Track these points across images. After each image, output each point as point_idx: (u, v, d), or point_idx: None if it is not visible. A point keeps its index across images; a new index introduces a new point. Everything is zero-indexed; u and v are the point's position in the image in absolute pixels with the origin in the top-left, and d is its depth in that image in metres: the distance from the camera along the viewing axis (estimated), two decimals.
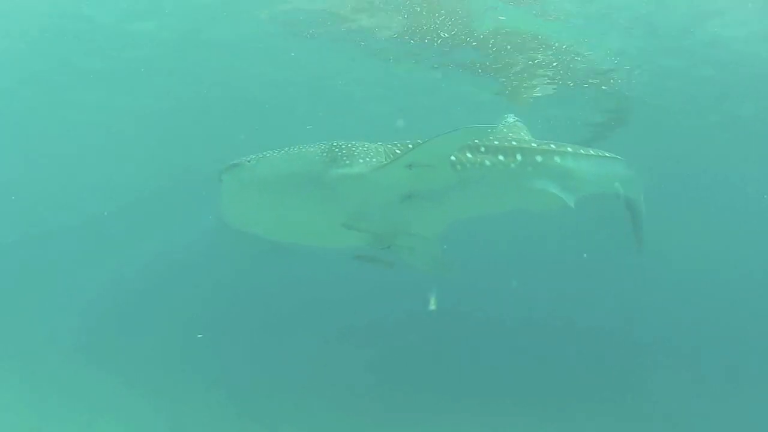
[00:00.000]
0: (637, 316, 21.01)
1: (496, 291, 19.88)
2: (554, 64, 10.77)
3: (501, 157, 5.49)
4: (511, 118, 6.51)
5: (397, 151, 5.26)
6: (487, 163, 5.43)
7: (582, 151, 6.09)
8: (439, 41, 10.07)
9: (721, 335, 19.15)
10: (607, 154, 6.47)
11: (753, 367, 17.30)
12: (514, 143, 5.68)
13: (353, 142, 5.26)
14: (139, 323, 18.29)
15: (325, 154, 5.01)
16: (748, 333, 19.16)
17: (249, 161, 4.96)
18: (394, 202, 5.28)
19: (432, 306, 7.70)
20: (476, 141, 5.55)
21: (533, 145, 5.76)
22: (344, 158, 5.02)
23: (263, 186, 4.97)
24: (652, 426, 13.78)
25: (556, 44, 10.22)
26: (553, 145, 5.84)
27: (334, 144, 5.13)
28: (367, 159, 5.10)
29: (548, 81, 11.57)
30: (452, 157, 5.29)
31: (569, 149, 5.90)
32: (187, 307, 19.92)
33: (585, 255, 20.78)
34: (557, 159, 5.71)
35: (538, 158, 5.62)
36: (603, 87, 12.03)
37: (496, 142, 5.61)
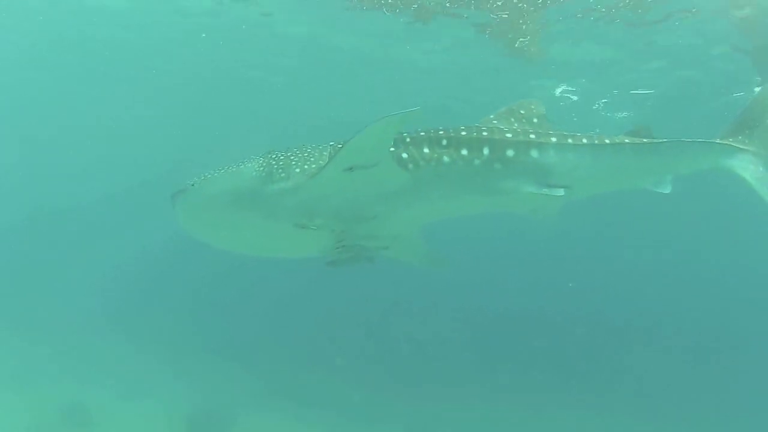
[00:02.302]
0: None
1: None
2: None
3: (464, 152, 4.72)
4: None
5: None
6: (446, 159, 4.69)
7: (582, 140, 4.89)
8: None
9: None
10: (643, 141, 4.99)
11: None
12: (484, 134, 4.84)
13: (293, 149, 4.87)
14: (170, 300, 18.81)
15: (261, 168, 4.77)
16: None
17: (193, 185, 4.90)
18: (344, 206, 4.82)
19: None
20: (440, 132, 4.85)
21: (508, 135, 4.86)
22: (280, 171, 4.71)
23: (209, 207, 4.94)
24: None
25: None
26: (532, 136, 4.89)
27: (272, 155, 4.82)
28: (305, 167, 4.69)
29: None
30: (404, 154, 4.68)
31: (553, 139, 4.85)
32: (215, 286, 20.24)
33: None
34: (534, 153, 4.77)
35: (510, 153, 4.75)
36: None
37: (463, 133, 4.82)
